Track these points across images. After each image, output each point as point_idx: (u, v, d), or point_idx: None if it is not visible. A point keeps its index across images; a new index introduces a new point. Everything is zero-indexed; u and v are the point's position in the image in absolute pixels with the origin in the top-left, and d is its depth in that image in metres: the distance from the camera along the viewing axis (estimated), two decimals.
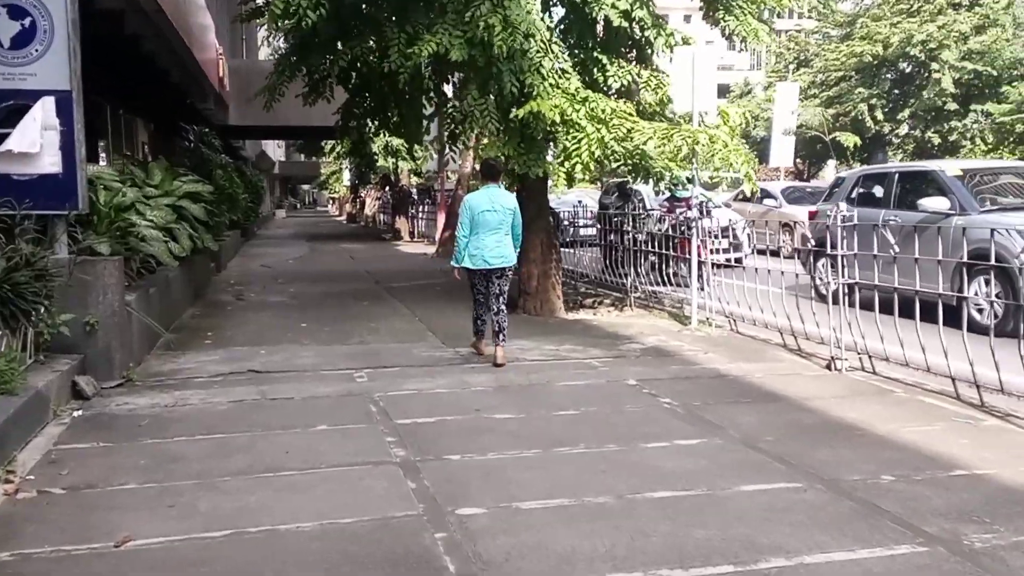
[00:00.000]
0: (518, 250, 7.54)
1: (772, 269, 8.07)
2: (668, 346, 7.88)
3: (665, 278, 11.19)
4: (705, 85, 8.84)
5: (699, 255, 11.98)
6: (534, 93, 8.87)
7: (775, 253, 11.80)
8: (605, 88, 9.89)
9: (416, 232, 26.95)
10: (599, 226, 13.28)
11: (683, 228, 11.70)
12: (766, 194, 17.84)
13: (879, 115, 35.72)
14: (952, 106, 33.68)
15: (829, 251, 6.70)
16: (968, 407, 5.58)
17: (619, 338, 8.32)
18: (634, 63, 10.19)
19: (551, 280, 10.34)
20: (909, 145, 36.69)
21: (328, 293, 12.03)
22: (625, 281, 11.38)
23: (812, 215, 11.26)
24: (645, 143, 8.77)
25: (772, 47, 32.30)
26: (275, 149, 54.53)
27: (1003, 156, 30.92)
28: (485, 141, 10.54)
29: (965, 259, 6.13)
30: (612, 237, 12.92)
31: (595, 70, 9.84)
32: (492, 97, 8.93)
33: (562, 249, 11.54)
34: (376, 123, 12.90)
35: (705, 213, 13.05)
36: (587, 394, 6.09)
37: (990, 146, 33.15)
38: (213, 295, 11.98)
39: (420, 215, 27.54)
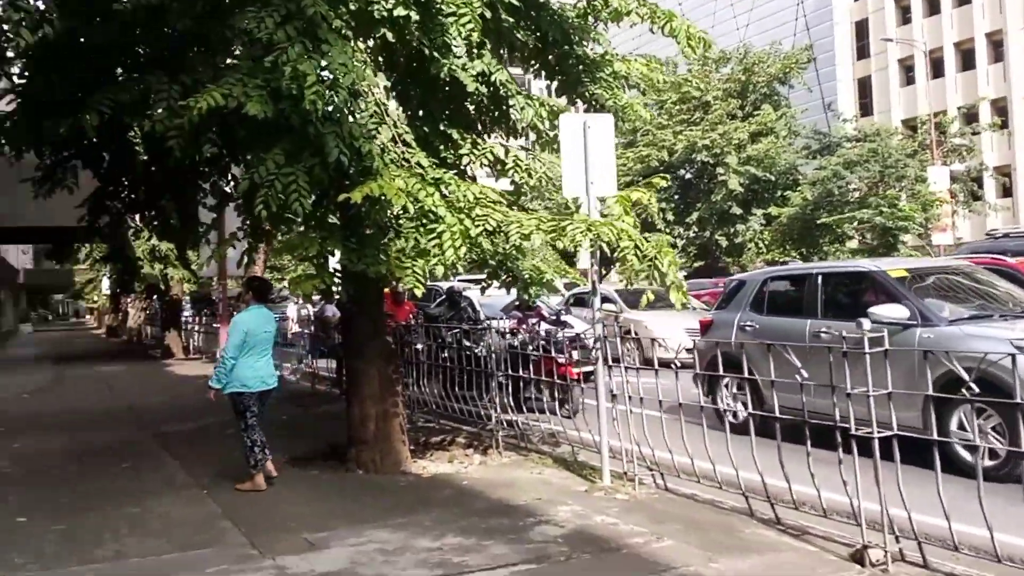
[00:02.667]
0: None
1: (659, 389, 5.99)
2: (595, 527, 5.44)
3: (519, 404, 9.05)
4: (601, 163, 6.80)
5: (573, 376, 9.93)
6: (373, 168, 6.44)
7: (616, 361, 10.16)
8: (457, 171, 7.63)
9: (192, 348, 23.08)
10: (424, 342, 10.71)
11: (542, 342, 9.70)
12: (604, 298, 16.17)
13: (670, 217, 36.35)
14: (736, 210, 34.91)
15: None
16: None
17: (515, 514, 5.79)
18: (494, 139, 8.08)
19: (394, 422, 7.69)
20: (692, 248, 37.51)
21: (70, 451, 8.57)
22: (482, 411, 8.97)
23: (705, 324, 9.45)
24: (528, 236, 6.53)
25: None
26: (19, 256, 47.62)
27: (781, 256, 32.21)
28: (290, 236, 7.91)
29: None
30: (447, 354, 10.59)
31: (442, 147, 7.57)
32: (308, 170, 6.33)
33: None
34: (139, 220, 9.88)
35: (562, 323, 11.14)
36: None
37: (768, 247, 34.55)
38: None
39: (197, 328, 23.72)
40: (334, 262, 7.34)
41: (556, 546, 5.03)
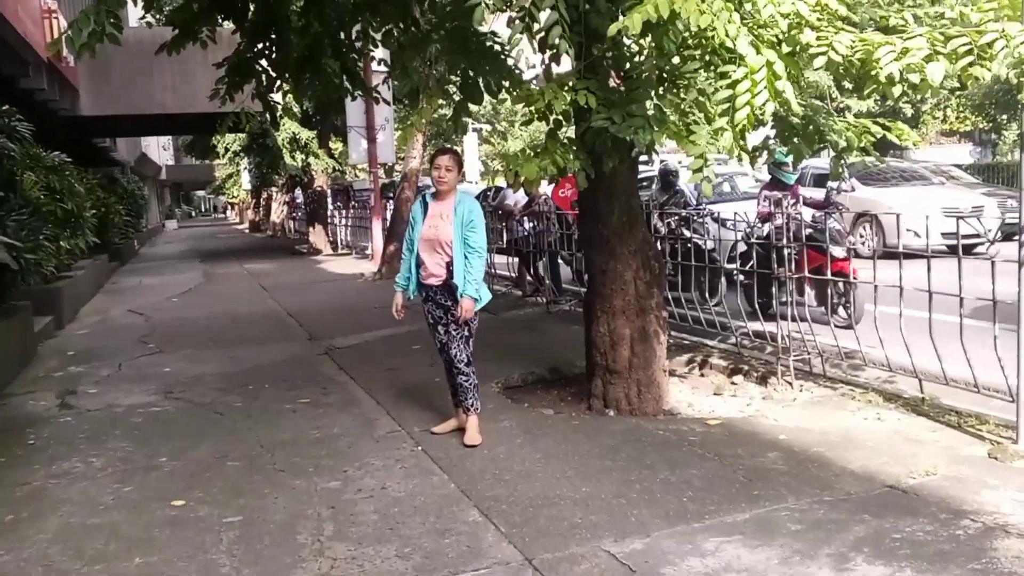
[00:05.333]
0: None
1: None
2: None
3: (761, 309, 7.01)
4: None
5: (853, 274, 7.59)
6: None
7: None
8: None
9: (339, 243, 21.73)
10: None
11: (810, 232, 7.51)
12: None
13: None
14: None
15: None
16: None
17: (924, 506, 3.58)
18: None
19: (655, 344, 5.57)
20: None
21: (233, 376, 6.91)
22: (726, 321, 6.85)
23: None
24: (917, 68, 4.05)
25: None
26: (160, 152, 47.92)
27: None
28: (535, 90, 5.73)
29: None
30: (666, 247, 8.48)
31: None
32: None
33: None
34: (289, 90, 7.95)
35: (832, 204, 8.62)
36: None
37: None
38: (21, 392, 6.72)
39: (342, 221, 22.32)
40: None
41: None
